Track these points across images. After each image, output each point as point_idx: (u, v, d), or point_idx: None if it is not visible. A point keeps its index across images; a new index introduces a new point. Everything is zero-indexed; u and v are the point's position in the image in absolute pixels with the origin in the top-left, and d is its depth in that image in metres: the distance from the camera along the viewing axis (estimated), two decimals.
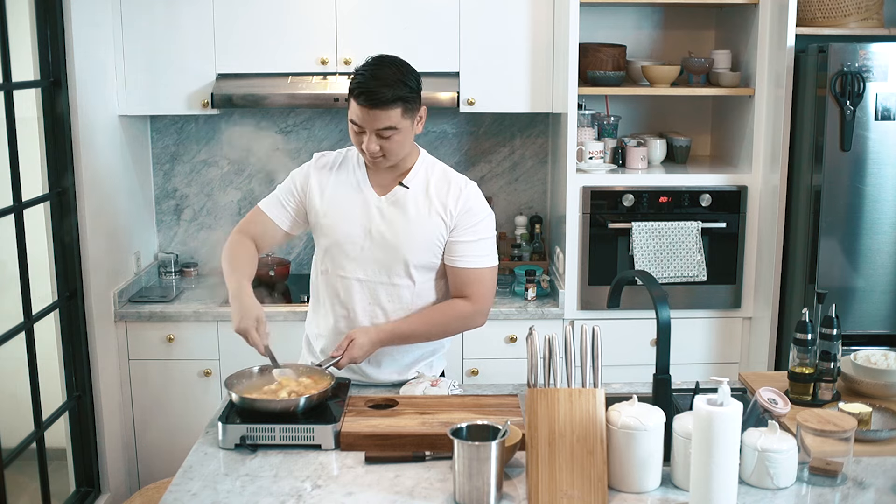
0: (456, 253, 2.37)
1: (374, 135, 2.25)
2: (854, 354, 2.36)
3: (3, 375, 3.56)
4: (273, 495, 1.87)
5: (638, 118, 3.99)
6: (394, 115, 2.22)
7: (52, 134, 3.18)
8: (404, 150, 2.33)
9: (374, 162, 2.32)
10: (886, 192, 3.15)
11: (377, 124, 2.23)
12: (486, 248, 2.40)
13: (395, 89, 2.21)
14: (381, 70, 2.24)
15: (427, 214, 2.36)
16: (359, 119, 2.24)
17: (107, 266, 3.46)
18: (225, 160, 4.00)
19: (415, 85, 2.27)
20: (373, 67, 2.25)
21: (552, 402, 1.90)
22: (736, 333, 3.60)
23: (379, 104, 2.20)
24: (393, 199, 2.37)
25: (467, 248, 2.37)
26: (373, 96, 2.20)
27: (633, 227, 3.45)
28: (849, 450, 1.89)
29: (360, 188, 2.39)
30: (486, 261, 2.40)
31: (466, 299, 2.40)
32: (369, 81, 2.21)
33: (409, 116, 2.27)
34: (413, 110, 2.28)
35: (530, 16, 3.54)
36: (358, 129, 2.27)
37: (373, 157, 2.29)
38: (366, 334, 2.32)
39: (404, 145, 2.31)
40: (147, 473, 3.62)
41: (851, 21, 3.34)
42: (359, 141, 2.29)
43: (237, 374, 2.25)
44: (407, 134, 2.29)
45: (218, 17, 3.53)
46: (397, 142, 2.27)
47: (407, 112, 2.25)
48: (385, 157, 2.30)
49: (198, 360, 3.53)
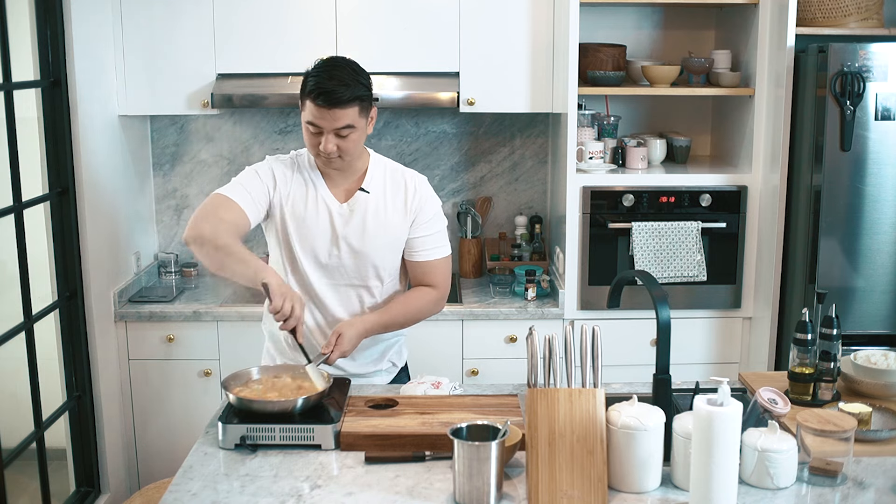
0: (415, 248, 2.48)
1: (331, 135, 2.29)
2: (854, 354, 2.36)
3: (3, 375, 3.56)
4: (273, 495, 1.87)
5: (638, 118, 3.99)
6: (351, 114, 2.27)
7: (52, 134, 3.18)
8: (358, 150, 2.38)
9: (329, 163, 2.35)
10: (886, 192, 3.15)
11: (336, 123, 2.27)
12: (441, 238, 2.51)
13: (353, 89, 2.26)
14: (336, 71, 2.28)
15: (388, 217, 2.43)
16: (317, 119, 2.28)
17: (107, 266, 3.46)
18: (225, 160, 4.00)
19: (368, 84, 2.33)
20: (327, 68, 2.29)
21: (552, 402, 1.90)
22: (736, 333, 3.60)
23: (338, 103, 2.24)
24: (354, 206, 2.42)
25: (425, 242, 2.48)
26: (331, 96, 2.24)
27: (633, 227, 3.45)
28: (849, 450, 1.89)
29: (320, 195, 2.42)
30: (442, 251, 2.51)
31: (430, 287, 2.50)
32: (326, 82, 2.25)
33: (364, 115, 2.32)
34: (367, 109, 2.34)
35: (530, 16, 3.54)
36: (315, 131, 2.30)
37: (328, 157, 2.32)
38: (352, 327, 2.36)
39: (359, 144, 2.36)
40: (147, 473, 3.62)
41: (851, 21, 3.34)
42: (315, 143, 2.31)
43: (235, 374, 2.25)
44: (362, 133, 2.34)
45: (218, 17, 3.53)
46: (353, 141, 2.32)
47: (363, 111, 2.31)
48: (340, 157, 2.33)
49: (198, 360, 3.53)
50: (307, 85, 2.29)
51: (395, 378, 2.64)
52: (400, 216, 2.44)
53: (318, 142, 2.31)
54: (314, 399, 2.12)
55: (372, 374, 2.58)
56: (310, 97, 2.27)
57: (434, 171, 4.01)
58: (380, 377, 2.60)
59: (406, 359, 2.72)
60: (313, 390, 2.17)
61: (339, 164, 2.36)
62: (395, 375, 2.64)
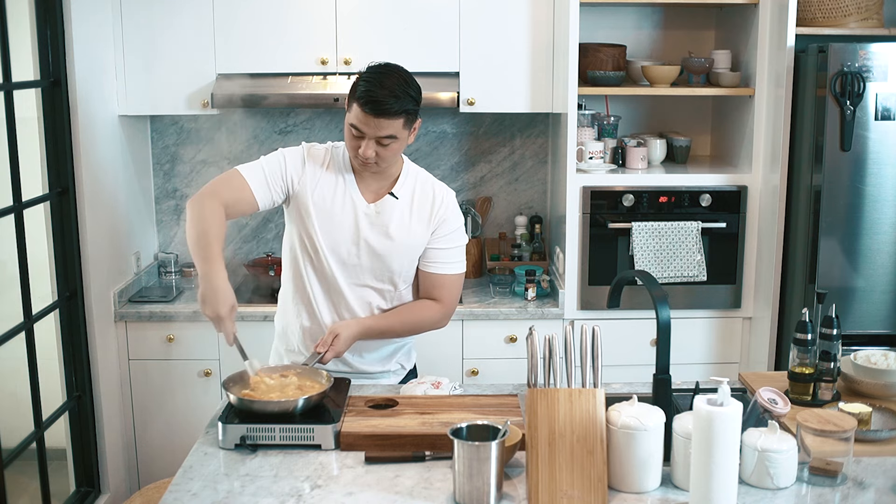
0: (430, 258, 2.47)
1: (373, 141, 2.27)
2: (854, 354, 2.36)
3: (3, 375, 3.56)
4: (273, 495, 1.87)
5: (638, 118, 3.99)
6: (396, 125, 2.26)
7: (52, 134, 3.18)
8: (396, 159, 2.38)
9: (366, 167, 2.35)
10: (886, 192, 3.15)
11: (379, 132, 2.26)
12: (458, 255, 2.50)
13: (403, 102, 2.24)
14: (388, 79, 2.26)
15: (411, 224, 2.42)
16: (361, 125, 2.26)
17: (107, 266, 3.46)
18: (225, 160, 4.00)
19: (418, 98, 2.31)
20: (380, 76, 2.26)
21: (552, 402, 1.90)
22: (736, 333, 3.60)
23: (386, 114, 2.23)
24: (381, 208, 2.41)
25: (442, 255, 2.46)
26: (380, 106, 2.22)
27: (633, 227, 3.45)
28: (849, 450, 1.89)
29: (349, 193, 2.41)
30: (456, 267, 2.50)
31: (436, 301, 2.49)
32: (377, 90, 2.23)
33: (408, 127, 2.31)
34: (413, 122, 2.32)
35: (530, 16, 3.54)
36: (357, 134, 2.29)
37: (365, 162, 2.31)
38: (348, 328, 2.37)
39: (398, 154, 2.36)
40: (147, 473, 3.62)
41: (851, 21, 3.34)
42: (355, 146, 2.30)
43: (236, 374, 2.25)
44: (403, 143, 2.33)
45: (218, 17, 3.53)
46: (393, 150, 2.31)
47: (408, 123, 2.30)
48: (377, 164, 2.33)
49: (198, 360, 3.53)
50: (357, 89, 2.26)
51: (403, 380, 2.63)
52: (423, 225, 2.43)
53: (358, 145, 2.29)
54: (315, 399, 2.12)
55: (380, 373, 2.58)
56: (358, 102, 2.25)
57: (434, 171, 4.01)
58: (387, 378, 2.59)
59: (415, 361, 2.71)
60: (314, 390, 2.17)
61: (374, 168, 2.36)
62: (403, 377, 2.64)
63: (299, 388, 2.20)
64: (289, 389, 2.19)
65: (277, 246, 4.05)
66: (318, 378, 2.24)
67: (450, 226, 2.46)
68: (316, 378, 2.25)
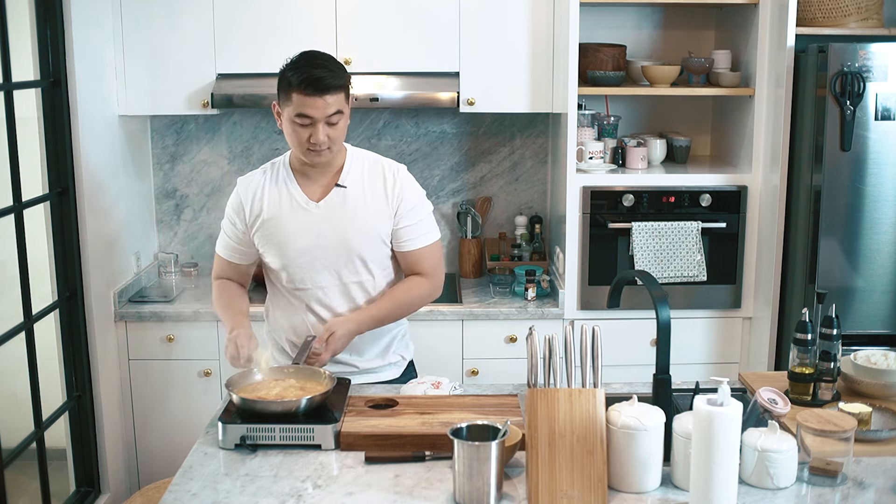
0: (401, 238, 2.47)
1: (322, 124, 2.30)
2: (854, 354, 2.36)
3: (3, 375, 3.56)
4: (273, 495, 1.87)
5: (638, 118, 3.99)
6: (340, 99, 2.31)
7: (52, 134, 3.18)
8: (344, 137, 2.40)
9: (319, 156, 2.36)
10: (886, 192, 3.15)
11: (328, 110, 2.29)
12: (426, 226, 2.50)
13: (337, 75, 2.30)
14: (317, 60, 2.32)
15: (368, 209, 2.43)
16: (308, 110, 2.29)
17: (107, 266, 3.46)
18: (225, 160, 4.00)
19: (346, 70, 2.38)
20: (307, 60, 2.33)
21: (552, 402, 1.90)
22: (736, 333, 3.60)
23: (329, 90, 2.27)
24: (332, 202, 2.42)
25: (410, 231, 2.47)
26: (322, 83, 2.27)
27: (633, 227, 3.45)
28: (849, 450, 1.89)
29: (295, 199, 2.43)
30: (429, 237, 2.50)
31: (420, 275, 2.50)
32: (313, 70, 2.28)
33: (347, 101, 2.35)
34: (348, 96, 2.36)
35: (530, 16, 3.54)
36: (305, 122, 2.31)
37: (319, 149, 2.33)
38: (344, 325, 2.38)
39: (344, 132, 2.38)
40: (147, 473, 3.62)
41: (851, 21, 3.34)
42: (305, 136, 2.32)
43: (239, 374, 2.26)
44: (347, 120, 2.37)
45: (218, 17, 3.53)
46: (341, 129, 2.35)
47: (346, 97, 2.34)
48: (330, 148, 2.35)
49: (198, 360, 3.53)
50: (291, 79, 2.30)
51: (404, 371, 2.63)
52: (381, 207, 2.44)
53: (307, 134, 2.31)
54: (318, 400, 2.12)
55: (381, 368, 2.57)
56: (298, 89, 2.28)
57: (434, 171, 4.01)
58: (389, 371, 2.59)
59: (413, 351, 2.71)
60: (316, 391, 2.17)
61: (328, 155, 2.37)
62: (403, 369, 2.63)
63: (301, 389, 2.20)
64: (290, 390, 2.19)
65: None
66: (319, 378, 2.24)
67: (409, 202, 2.46)
68: (317, 378, 2.25)
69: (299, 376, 2.27)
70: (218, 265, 2.60)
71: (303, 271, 2.45)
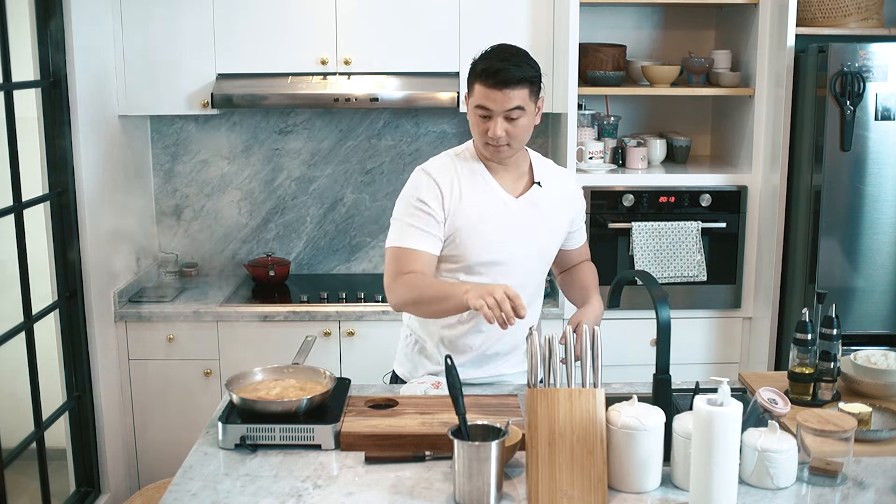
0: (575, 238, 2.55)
1: (501, 118, 2.24)
2: (854, 354, 2.36)
3: (3, 375, 3.56)
4: (273, 495, 1.87)
5: (638, 118, 3.99)
6: (522, 95, 2.24)
7: (52, 134, 3.18)
8: (527, 137, 2.34)
9: (498, 152, 2.30)
10: (886, 192, 3.15)
11: (507, 104, 2.23)
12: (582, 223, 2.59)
13: (523, 69, 2.23)
14: (506, 52, 2.26)
15: (556, 211, 2.43)
16: (487, 101, 2.24)
17: (107, 266, 3.46)
18: (225, 160, 4.00)
19: (538, 67, 2.30)
20: (497, 51, 2.27)
21: (552, 402, 1.90)
22: (736, 333, 3.60)
23: (508, 83, 2.21)
24: (529, 200, 2.39)
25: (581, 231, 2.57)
26: (501, 74, 2.20)
27: (633, 227, 3.45)
28: (849, 450, 1.89)
29: (493, 189, 2.37)
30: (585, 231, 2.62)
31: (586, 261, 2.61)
32: (496, 62, 2.22)
33: (534, 98, 2.28)
34: (537, 94, 2.29)
35: (530, 16, 3.54)
36: (484, 114, 2.26)
37: (497, 144, 2.28)
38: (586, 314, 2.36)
39: (528, 131, 2.32)
40: (147, 473, 3.62)
41: (851, 21, 3.34)
42: (484, 129, 2.27)
43: (239, 375, 2.25)
44: (531, 119, 2.30)
45: (218, 17, 3.53)
46: (523, 126, 2.28)
47: (532, 93, 2.27)
48: (510, 144, 2.29)
49: (198, 360, 3.53)
50: (476, 68, 2.26)
51: None
52: (565, 210, 2.46)
53: (486, 127, 2.26)
54: (318, 400, 2.12)
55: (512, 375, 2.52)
56: (480, 78, 2.23)
57: None
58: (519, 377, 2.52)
59: None
60: (316, 391, 2.17)
61: (507, 152, 2.31)
62: None
63: (301, 389, 2.20)
64: (290, 390, 2.19)
65: (277, 246, 4.06)
66: (318, 378, 2.24)
67: (582, 208, 2.54)
68: (317, 378, 2.25)
69: (299, 376, 2.27)
70: (403, 261, 2.30)
71: (483, 265, 2.36)
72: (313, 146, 3.98)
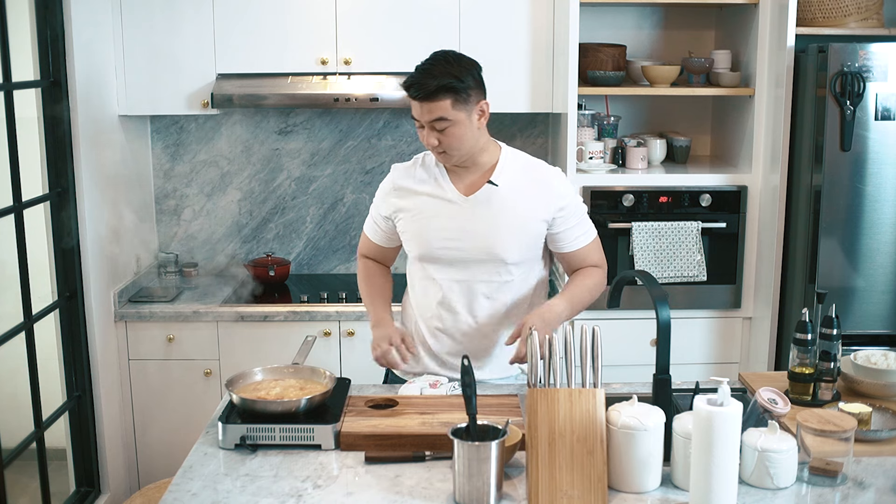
0: (573, 236, 2.45)
1: (429, 128, 2.28)
2: (854, 354, 2.36)
3: (3, 375, 3.56)
4: (273, 495, 1.87)
5: (638, 118, 3.99)
6: (443, 106, 2.25)
7: (52, 134, 3.18)
8: (465, 145, 2.33)
9: (440, 157, 2.35)
10: (886, 192, 3.15)
11: (429, 116, 2.27)
12: (585, 224, 2.49)
13: (439, 79, 2.24)
14: (430, 62, 2.29)
15: (520, 213, 2.39)
16: (414, 112, 2.31)
17: (107, 266, 3.46)
18: (225, 160, 4.00)
19: (466, 77, 2.28)
20: (425, 61, 2.30)
21: (552, 402, 1.90)
22: (736, 333, 3.60)
23: (425, 96, 2.24)
24: (480, 199, 2.39)
25: (580, 229, 2.46)
26: (415, 88, 2.25)
27: (633, 227, 3.45)
28: (849, 450, 1.89)
29: (444, 190, 2.41)
30: (594, 231, 2.52)
31: (593, 266, 2.51)
32: (415, 74, 2.27)
33: (461, 108, 2.27)
34: (465, 102, 2.28)
35: (530, 16, 3.54)
36: (417, 124, 2.33)
37: (435, 151, 2.33)
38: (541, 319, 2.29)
39: (464, 139, 2.31)
40: (147, 473, 3.62)
41: (851, 21, 3.34)
42: (421, 136, 2.33)
43: (239, 375, 2.25)
44: (464, 127, 2.30)
45: (218, 17, 3.53)
46: (454, 135, 2.29)
47: (458, 103, 2.27)
48: (447, 152, 2.31)
49: (198, 360, 3.53)
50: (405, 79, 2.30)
51: None
52: (535, 210, 2.39)
53: (422, 135, 2.32)
54: (318, 399, 2.12)
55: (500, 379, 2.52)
56: (405, 90, 2.29)
57: None
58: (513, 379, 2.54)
59: None
60: (316, 391, 2.17)
61: (446, 159, 2.34)
62: None
63: (301, 389, 2.20)
64: (290, 390, 2.19)
65: (277, 246, 4.06)
66: (318, 378, 2.24)
67: (571, 203, 2.43)
68: (317, 378, 2.25)
69: (299, 376, 2.27)
70: (363, 243, 2.62)
71: (438, 263, 2.42)
72: (313, 146, 3.98)
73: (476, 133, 2.34)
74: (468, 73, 2.29)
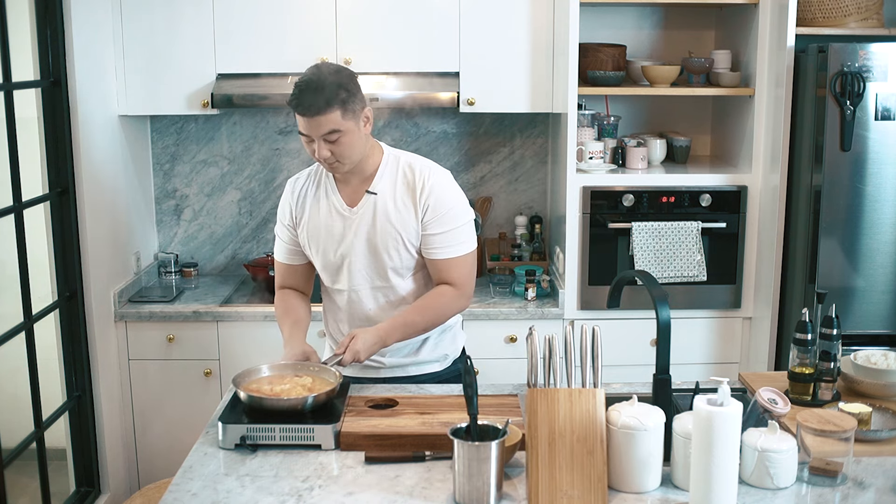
0: (432, 245, 2.41)
1: (321, 141, 2.29)
2: (854, 354, 2.36)
3: (3, 375, 3.57)
4: (273, 495, 1.87)
5: (638, 118, 3.99)
6: (333, 119, 2.26)
7: (52, 134, 3.18)
8: (357, 151, 2.35)
9: (332, 168, 2.37)
10: (886, 192, 3.15)
11: (320, 130, 2.27)
12: (461, 235, 2.42)
13: (325, 93, 2.24)
14: (311, 77, 2.27)
15: (393, 216, 2.40)
16: (303, 128, 2.29)
17: (107, 266, 3.46)
18: (225, 160, 4.00)
19: (350, 86, 2.29)
20: (304, 77, 2.29)
21: (552, 402, 1.90)
22: (736, 333, 3.60)
23: (313, 112, 2.24)
24: (364, 208, 2.42)
25: (443, 239, 2.40)
26: (303, 106, 2.25)
27: (633, 227, 3.45)
28: (849, 450, 1.89)
29: (332, 202, 2.45)
30: (463, 248, 2.43)
31: (450, 285, 2.43)
32: (303, 93, 2.25)
33: (350, 118, 2.29)
34: (353, 111, 2.29)
35: (530, 16, 3.54)
36: (307, 139, 2.31)
37: (328, 163, 2.34)
38: (366, 331, 2.37)
39: (355, 147, 2.33)
40: (147, 473, 3.62)
41: (851, 21, 3.34)
42: (311, 151, 2.33)
43: (245, 371, 2.26)
44: (354, 135, 2.31)
45: (218, 17, 3.53)
46: (346, 144, 2.31)
47: (347, 113, 2.28)
48: (339, 161, 2.33)
49: (198, 360, 3.53)
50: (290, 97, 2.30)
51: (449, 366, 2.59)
52: (408, 214, 2.39)
53: (313, 150, 2.32)
54: (323, 398, 2.12)
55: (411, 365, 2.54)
56: (292, 108, 2.29)
57: None
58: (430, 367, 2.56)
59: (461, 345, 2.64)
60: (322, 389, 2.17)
61: (341, 168, 2.36)
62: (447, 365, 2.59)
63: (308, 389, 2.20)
64: (297, 388, 2.20)
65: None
66: (328, 377, 2.25)
67: (437, 210, 2.38)
68: (326, 377, 2.25)
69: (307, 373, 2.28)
70: (278, 273, 2.61)
71: (338, 274, 2.48)
72: None
73: (364, 140, 2.36)
74: (350, 81, 2.31)
